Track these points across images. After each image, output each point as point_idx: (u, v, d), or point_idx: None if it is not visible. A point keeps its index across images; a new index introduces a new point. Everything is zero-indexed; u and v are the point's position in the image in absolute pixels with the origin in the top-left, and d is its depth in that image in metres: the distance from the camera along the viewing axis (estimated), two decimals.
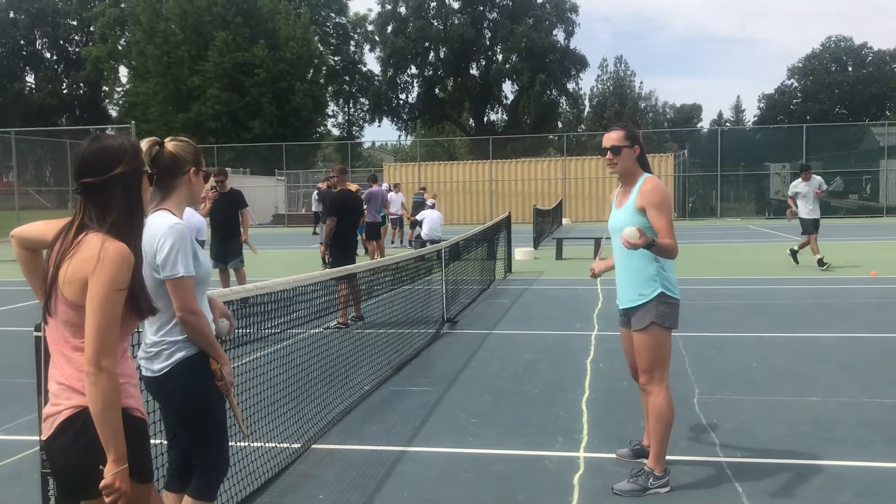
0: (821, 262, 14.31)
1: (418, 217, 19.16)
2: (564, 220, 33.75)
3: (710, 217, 36.48)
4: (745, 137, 48.74)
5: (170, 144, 3.10)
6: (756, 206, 38.34)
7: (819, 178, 15.14)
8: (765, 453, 4.86)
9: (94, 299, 2.25)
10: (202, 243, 8.61)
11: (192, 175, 3.12)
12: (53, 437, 2.36)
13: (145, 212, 2.62)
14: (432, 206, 19.52)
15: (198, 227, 8.48)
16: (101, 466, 2.29)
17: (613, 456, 4.85)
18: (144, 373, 3.02)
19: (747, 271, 14.62)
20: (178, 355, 3.00)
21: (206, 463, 3.14)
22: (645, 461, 4.42)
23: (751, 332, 8.71)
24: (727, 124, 73.16)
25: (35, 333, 2.87)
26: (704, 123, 78.25)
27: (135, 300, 2.37)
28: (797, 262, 14.95)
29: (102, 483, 2.27)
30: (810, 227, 14.66)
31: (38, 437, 2.55)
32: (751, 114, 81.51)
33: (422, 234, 18.66)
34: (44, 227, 2.55)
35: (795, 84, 67.70)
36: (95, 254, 2.28)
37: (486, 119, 63.86)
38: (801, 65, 67.09)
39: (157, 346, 3.00)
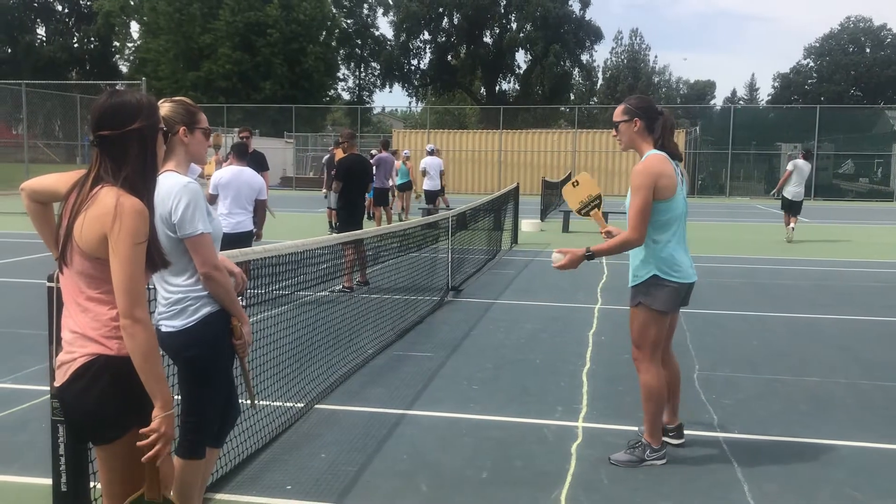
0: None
1: (421, 167, 18.86)
2: None
3: (718, 195, 36.37)
4: (757, 116, 48.43)
5: (161, 108, 3.12)
6: (766, 186, 38.16)
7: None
8: (762, 431, 4.91)
9: (119, 255, 2.30)
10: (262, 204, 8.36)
11: (182, 135, 3.13)
12: (68, 384, 2.40)
13: (159, 167, 2.66)
14: (431, 153, 19.09)
15: (259, 186, 8.19)
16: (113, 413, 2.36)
17: (612, 427, 4.91)
18: (164, 329, 3.03)
19: (752, 250, 14.62)
20: (204, 311, 3.03)
21: (198, 423, 3.15)
22: (666, 438, 4.51)
23: (753, 311, 8.75)
24: (741, 102, 72.59)
25: (48, 284, 2.91)
26: (718, 101, 77.61)
27: (149, 254, 2.42)
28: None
29: (149, 427, 2.35)
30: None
31: (46, 387, 2.60)
32: (765, 92, 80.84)
33: (425, 187, 18.52)
34: (54, 180, 2.58)
35: (811, 64, 66.99)
36: (111, 209, 2.31)
37: (497, 88, 63.42)
38: (817, 44, 66.31)
39: (180, 302, 3.02)
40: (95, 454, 2.50)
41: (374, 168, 14.97)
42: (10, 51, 64.84)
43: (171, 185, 2.97)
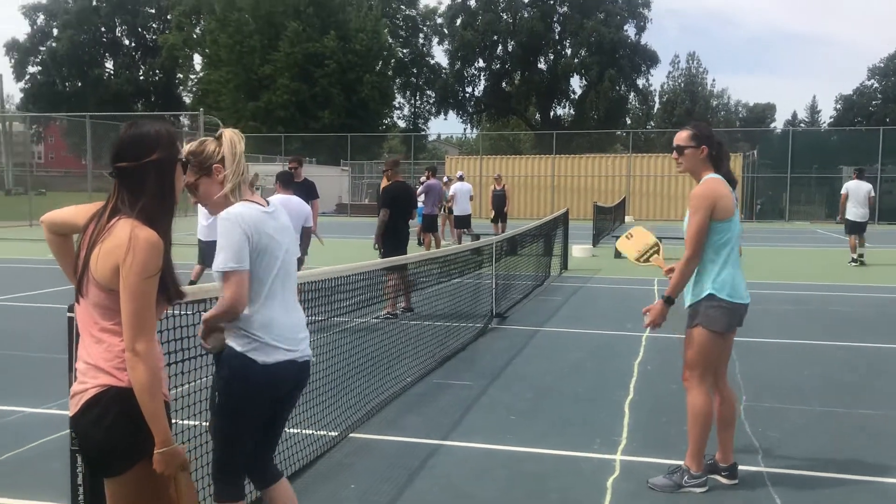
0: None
1: (450, 192, 18.66)
2: (627, 218, 33.27)
3: (778, 220, 35.53)
4: (818, 139, 47.31)
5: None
6: (827, 210, 37.11)
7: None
8: (808, 465, 4.72)
9: (128, 287, 2.31)
10: (308, 231, 8.55)
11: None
12: (79, 414, 2.42)
13: (177, 199, 2.66)
14: (461, 179, 19.14)
15: (305, 214, 8.36)
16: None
17: (650, 460, 4.77)
18: (307, 358, 3.07)
19: (809, 276, 14.20)
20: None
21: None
22: (718, 476, 4.41)
23: (806, 340, 8.47)
24: (802, 125, 71.04)
25: (68, 314, 2.95)
26: (778, 124, 76.09)
27: (164, 285, 2.41)
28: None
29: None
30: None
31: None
32: (827, 115, 78.71)
33: (455, 213, 18.38)
34: (73, 212, 2.61)
35: (876, 84, 65.33)
36: (125, 241, 2.32)
37: (552, 114, 63.40)
38: (882, 65, 64.70)
39: (306, 329, 3.10)
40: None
41: (422, 195, 15.05)
42: (80, 84, 67.39)
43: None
